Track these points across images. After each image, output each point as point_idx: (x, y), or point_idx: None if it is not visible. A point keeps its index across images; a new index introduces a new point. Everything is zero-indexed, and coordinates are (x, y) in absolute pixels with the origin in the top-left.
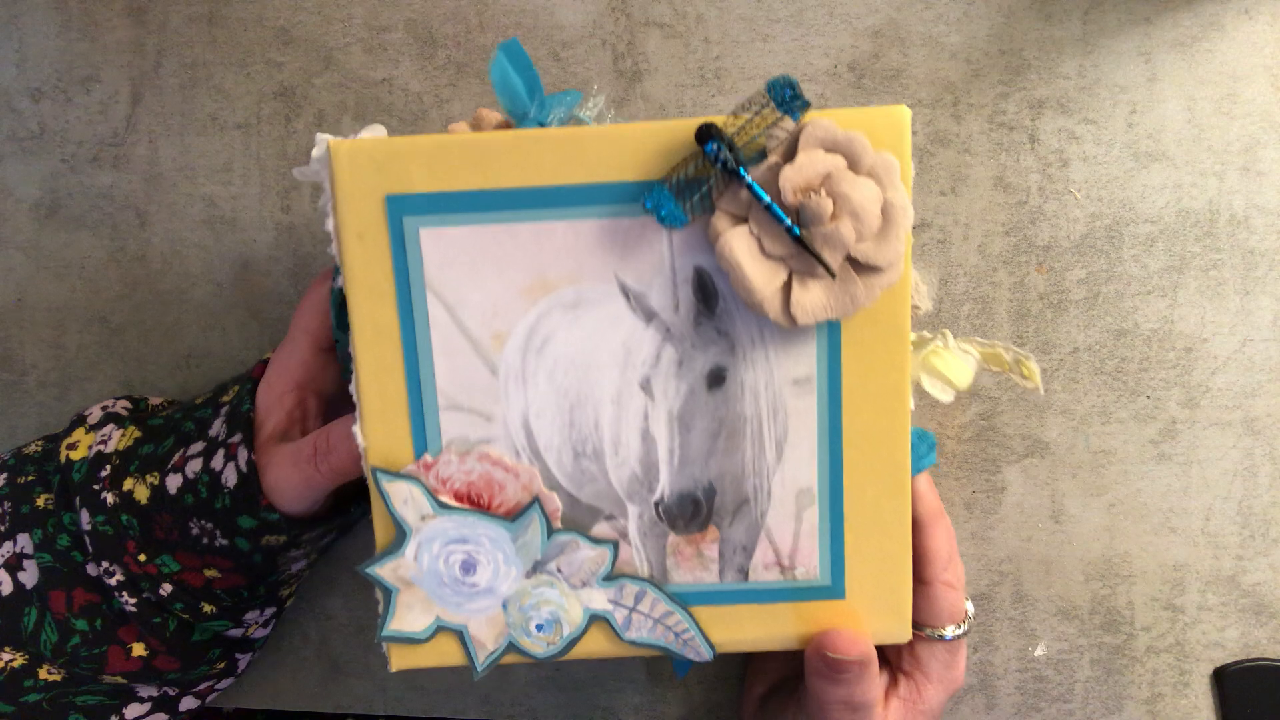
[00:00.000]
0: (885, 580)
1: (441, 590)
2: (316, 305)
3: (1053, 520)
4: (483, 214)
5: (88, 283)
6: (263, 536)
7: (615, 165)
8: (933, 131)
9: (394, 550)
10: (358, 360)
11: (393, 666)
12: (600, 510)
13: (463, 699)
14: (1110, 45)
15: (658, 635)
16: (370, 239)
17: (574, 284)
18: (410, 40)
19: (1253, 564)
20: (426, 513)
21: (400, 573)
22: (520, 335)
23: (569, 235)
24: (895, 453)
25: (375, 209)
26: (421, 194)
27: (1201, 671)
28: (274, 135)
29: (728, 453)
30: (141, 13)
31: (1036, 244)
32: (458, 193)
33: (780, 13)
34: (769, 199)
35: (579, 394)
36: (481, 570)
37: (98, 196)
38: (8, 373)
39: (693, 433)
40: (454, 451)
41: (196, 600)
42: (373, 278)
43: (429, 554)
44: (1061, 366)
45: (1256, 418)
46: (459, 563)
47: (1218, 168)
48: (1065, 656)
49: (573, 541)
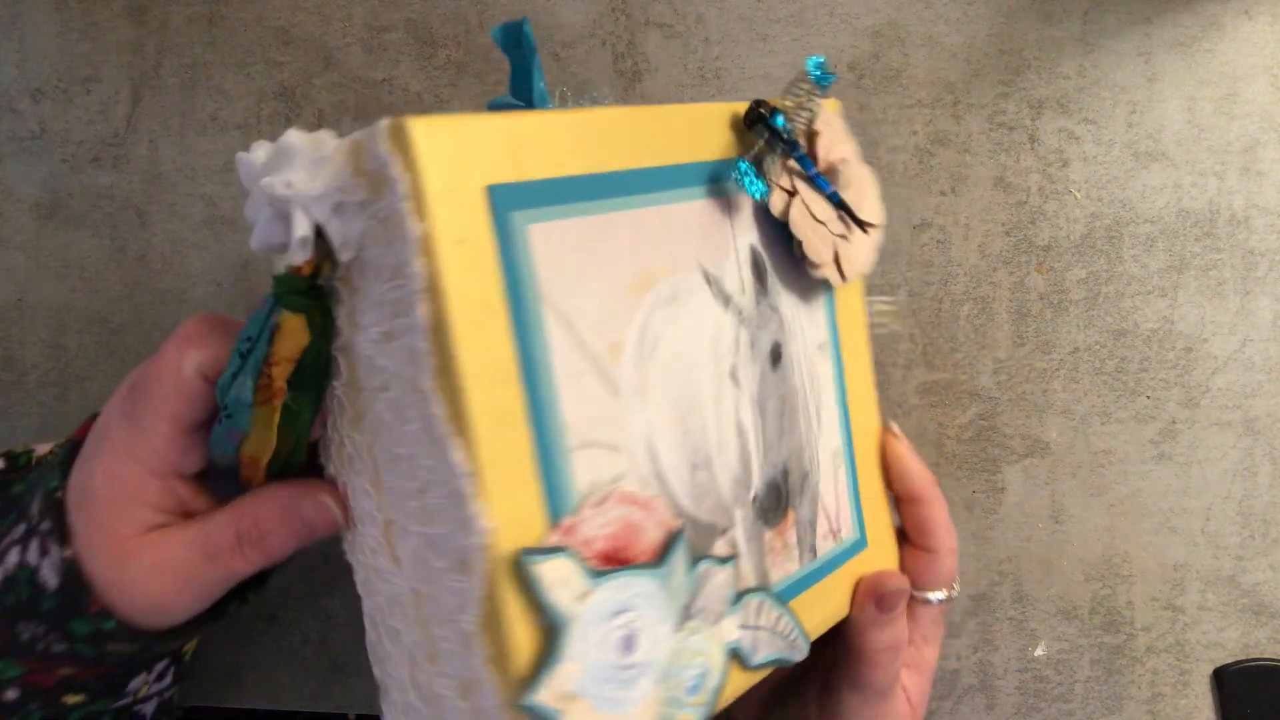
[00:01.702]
0: (881, 519)
1: (604, 689)
2: (175, 383)
3: (1053, 520)
4: (588, 202)
5: (88, 283)
6: (106, 644)
7: (705, 143)
8: (933, 131)
9: (551, 659)
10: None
11: None
12: (716, 526)
13: None
14: (1110, 45)
15: (775, 648)
16: (473, 244)
17: (669, 275)
18: (410, 40)
19: (1253, 564)
20: (583, 590)
21: (562, 688)
22: (633, 342)
23: (659, 222)
24: (870, 398)
25: (476, 204)
26: (527, 182)
27: (1201, 671)
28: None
29: (790, 430)
30: (141, 13)
31: (1036, 244)
32: (564, 178)
33: (780, 13)
34: (815, 170)
35: (687, 399)
36: (642, 642)
37: (98, 196)
38: (8, 373)
39: (768, 415)
40: (592, 503)
41: (55, 697)
42: (481, 296)
43: (591, 645)
44: (1061, 366)
45: (1256, 418)
46: (618, 642)
47: (1218, 168)
48: (1065, 656)
49: (707, 569)
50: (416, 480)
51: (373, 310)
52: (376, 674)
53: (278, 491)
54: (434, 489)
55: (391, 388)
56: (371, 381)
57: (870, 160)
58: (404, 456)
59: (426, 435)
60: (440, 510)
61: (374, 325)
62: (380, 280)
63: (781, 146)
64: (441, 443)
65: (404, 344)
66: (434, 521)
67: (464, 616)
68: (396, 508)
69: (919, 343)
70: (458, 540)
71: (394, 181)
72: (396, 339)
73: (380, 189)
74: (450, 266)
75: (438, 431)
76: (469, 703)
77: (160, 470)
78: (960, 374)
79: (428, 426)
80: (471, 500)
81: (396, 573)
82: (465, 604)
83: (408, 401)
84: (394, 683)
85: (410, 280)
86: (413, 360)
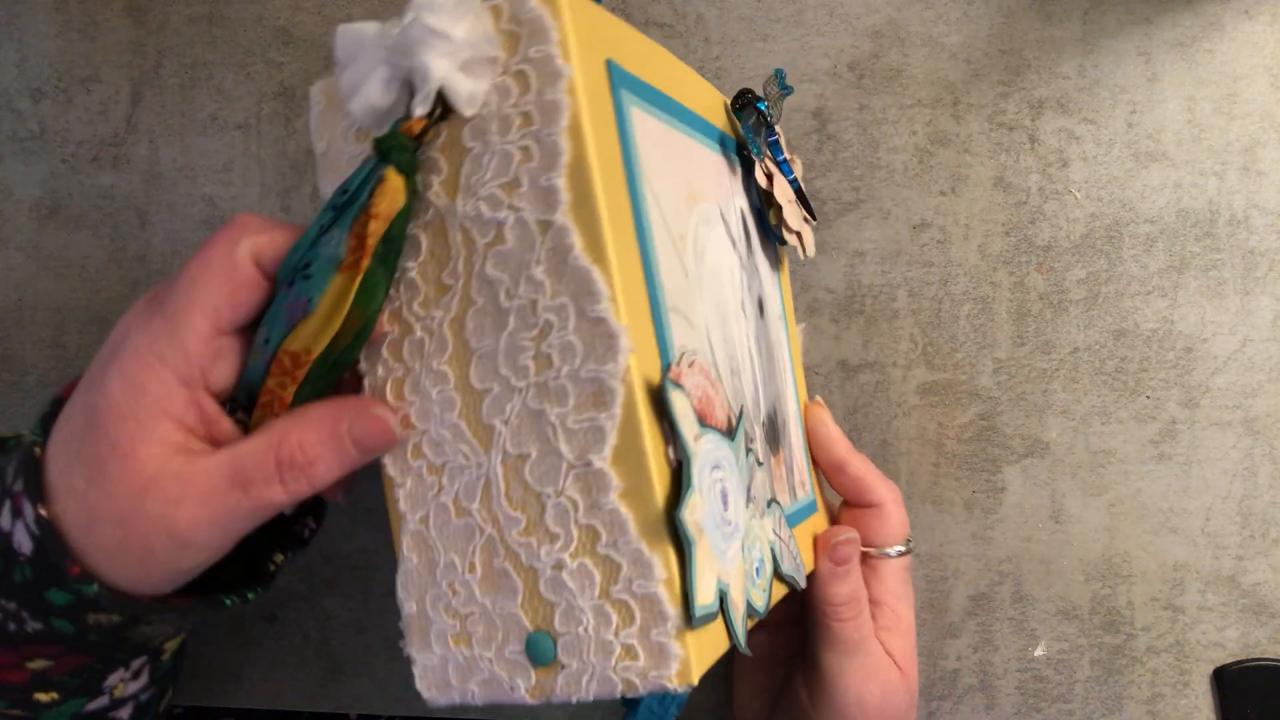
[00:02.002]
0: (817, 490)
1: (715, 535)
2: (225, 271)
3: (1053, 520)
4: (661, 112)
5: (88, 283)
6: (87, 615)
7: (715, 114)
8: (933, 131)
9: (686, 487)
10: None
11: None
12: (748, 433)
13: None
14: (1110, 45)
15: (790, 565)
16: (602, 100)
17: (705, 201)
18: None
19: (1253, 564)
20: (696, 432)
21: (693, 517)
22: (691, 241)
23: (698, 155)
24: (801, 381)
25: (601, 70)
26: (627, 71)
27: (1201, 671)
28: (274, 135)
29: (773, 376)
30: (141, 13)
31: (1036, 244)
32: (648, 84)
33: (780, 13)
34: (784, 155)
35: (723, 309)
36: (731, 502)
37: (98, 196)
38: (8, 373)
39: (761, 355)
40: (685, 363)
41: (25, 694)
42: (607, 153)
43: (705, 487)
44: (1061, 366)
45: (1256, 418)
46: (719, 494)
47: (1218, 168)
48: (1065, 656)
49: (752, 462)
50: (534, 327)
51: (493, 163)
52: (409, 610)
53: (321, 410)
54: (560, 328)
55: (508, 238)
56: (478, 239)
57: (870, 160)
58: (515, 308)
59: (556, 271)
60: (569, 347)
61: (493, 179)
62: (506, 131)
63: (764, 130)
64: (579, 271)
65: (536, 186)
66: (558, 363)
67: (594, 455)
68: (492, 373)
69: (919, 343)
70: (592, 370)
71: (547, 29)
72: (524, 184)
73: (516, 45)
74: (589, 111)
75: (576, 263)
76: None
77: (189, 377)
78: (960, 374)
79: (559, 261)
80: (613, 322)
81: (478, 454)
82: (596, 441)
83: (533, 243)
84: (439, 602)
85: (554, 120)
86: (546, 198)
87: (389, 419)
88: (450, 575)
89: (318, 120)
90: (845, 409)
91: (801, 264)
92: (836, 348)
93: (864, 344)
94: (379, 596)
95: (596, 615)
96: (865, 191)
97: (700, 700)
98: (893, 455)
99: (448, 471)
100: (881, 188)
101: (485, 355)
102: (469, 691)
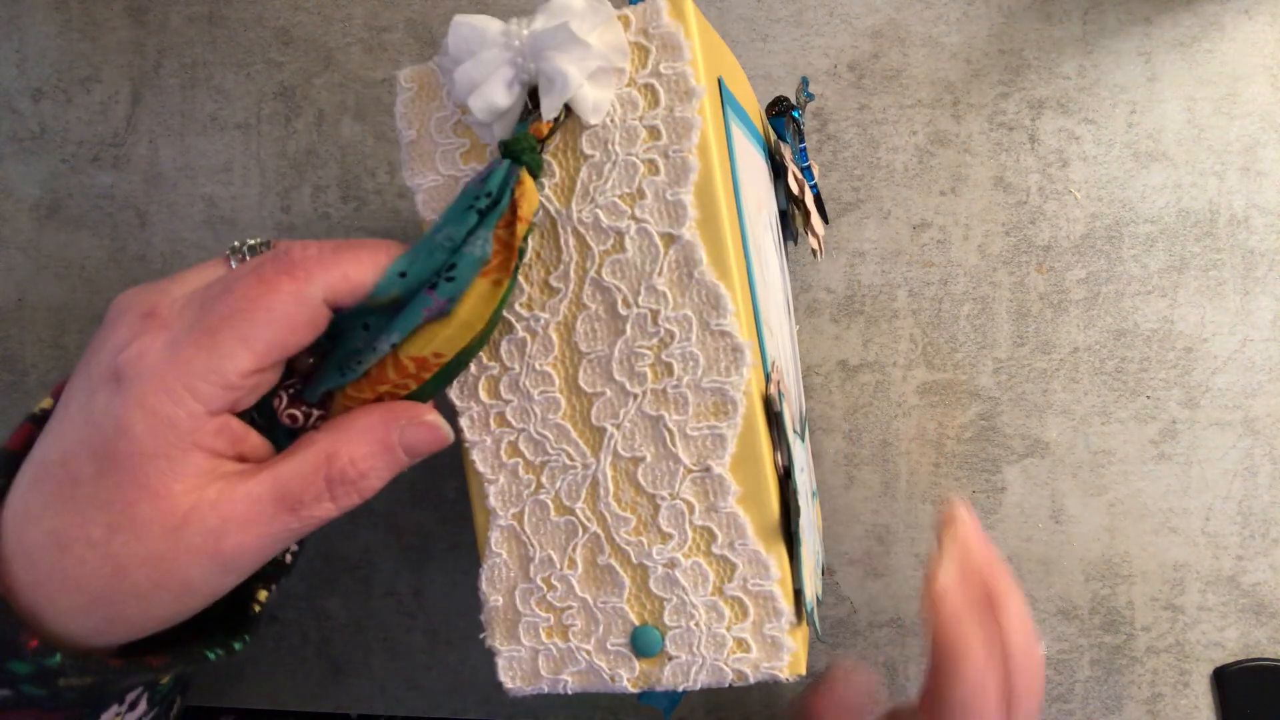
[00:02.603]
0: None
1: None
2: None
3: (1053, 520)
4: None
5: (88, 283)
6: (57, 680)
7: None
8: (933, 131)
9: (795, 488)
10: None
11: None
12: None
13: (463, 698)
14: (1110, 45)
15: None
16: (718, 123)
17: (765, 209)
18: (410, 40)
19: (1253, 564)
20: (793, 439)
21: (800, 518)
22: (762, 251)
23: (760, 165)
24: None
25: (715, 89)
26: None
27: (1201, 671)
28: (274, 135)
29: (797, 384)
30: (141, 13)
31: (1036, 244)
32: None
33: (780, 13)
34: (808, 161)
35: (780, 315)
36: (804, 504)
37: (98, 196)
38: (8, 373)
39: (795, 354)
40: (776, 369)
41: None
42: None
43: (803, 489)
44: (1061, 366)
45: (1256, 418)
46: (807, 495)
47: (1218, 168)
48: (1065, 656)
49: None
50: (654, 336)
51: (615, 172)
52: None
53: (369, 420)
54: (682, 339)
55: (627, 247)
56: (594, 246)
57: (870, 160)
58: (634, 316)
59: (680, 283)
60: (691, 357)
61: (613, 188)
62: (631, 143)
63: (798, 136)
64: (705, 286)
65: (662, 200)
66: (679, 372)
67: (713, 461)
68: (604, 378)
69: (919, 343)
70: (715, 381)
71: (680, 47)
72: (648, 196)
73: (645, 59)
74: (715, 130)
75: (702, 278)
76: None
77: (219, 407)
78: (960, 374)
79: (684, 274)
80: (738, 337)
81: (584, 456)
82: (716, 448)
83: (655, 255)
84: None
85: (684, 137)
86: (673, 213)
87: (441, 424)
88: (546, 570)
89: (406, 107)
90: (845, 409)
91: (801, 264)
92: (836, 348)
93: (864, 344)
94: (379, 596)
95: (709, 611)
96: (865, 191)
97: (701, 700)
98: (893, 455)
99: (548, 470)
100: (881, 188)
101: (597, 360)
102: (561, 682)
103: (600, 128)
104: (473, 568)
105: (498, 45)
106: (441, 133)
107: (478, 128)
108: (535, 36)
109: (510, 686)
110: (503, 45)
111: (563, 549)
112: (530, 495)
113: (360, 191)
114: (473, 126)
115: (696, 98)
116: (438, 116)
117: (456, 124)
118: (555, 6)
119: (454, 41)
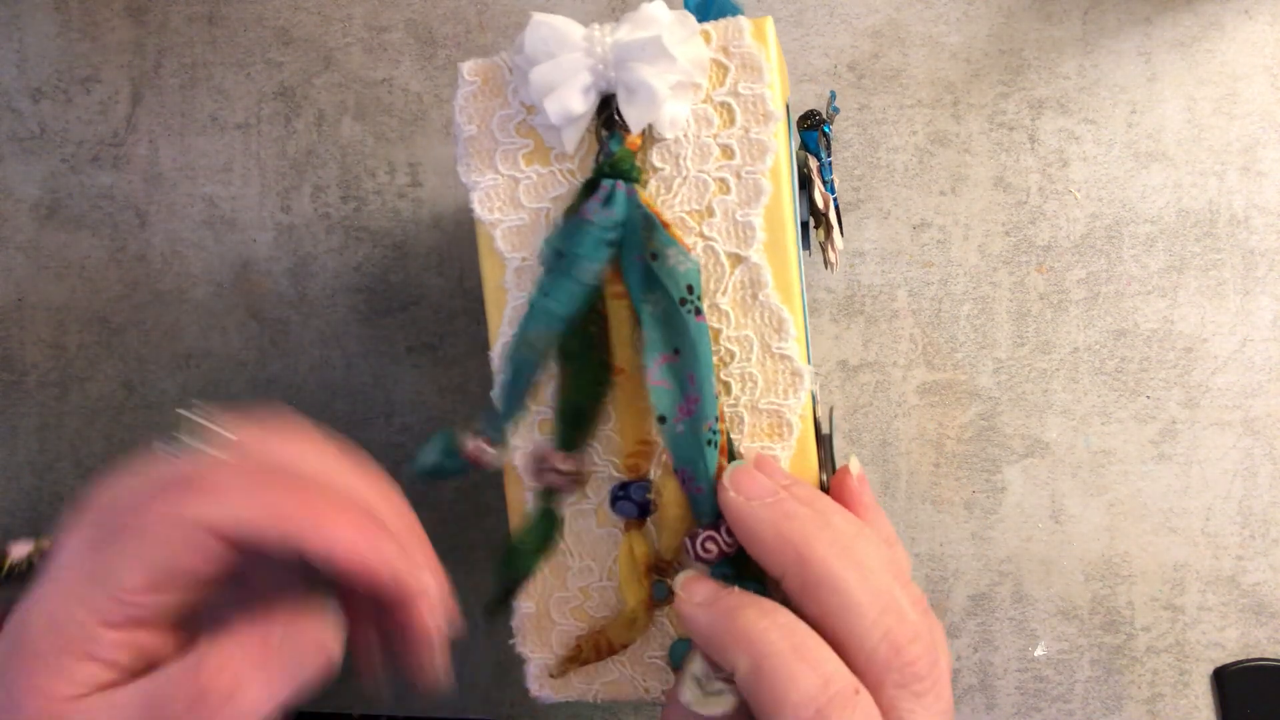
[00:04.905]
0: None
1: None
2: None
3: (1053, 520)
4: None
5: (88, 283)
6: None
7: None
8: (933, 131)
9: None
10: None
11: None
12: None
13: (463, 698)
14: (1110, 45)
15: None
16: (786, 146)
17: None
18: (410, 40)
19: (1253, 564)
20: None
21: None
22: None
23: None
24: None
25: (784, 112)
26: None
27: (1201, 671)
28: (274, 135)
29: None
30: (141, 13)
31: (1036, 244)
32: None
33: (780, 13)
34: (831, 175)
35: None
36: None
37: (98, 196)
38: (8, 373)
39: None
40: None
41: None
42: (789, 186)
43: None
44: (1061, 366)
45: (1256, 418)
46: None
47: (1218, 168)
48: (1065, 656)
49: None
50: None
51: (684, 188)
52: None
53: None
54: (742, 359)
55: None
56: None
57: (870, 160)
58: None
59: (743, 304)
60: (749, 377)
61: (681, 203)
62: (704, 160)
63: (827, 150)
64: (770, 310)
65: (732, 220)
66: (736, 391)
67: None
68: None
69: (919, 343)
70: (773, 403)
71: (760, 69)
72: (717, 215)
73: (723, 76)
74: (784, 152)
75: (768, 301)
76: None
77: (120, 621)
78: (960, 374)
79: (748, 296)
80: (798, 361)
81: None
82: None
83: (721, 274)
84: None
85: (759, 160)
86: (743, 234)
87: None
88: (584, 581)
89: (466, 100)
90: (845, 409)
91: (801, 263)
92: (836, 348)
93: (864, 344)
94: None
95: None
96: (865, 191)
97: None
98: (893, 455)
99: (593, 481)
100: (881, 188)
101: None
102: (591, 691)
103: (673, 142)
104: (473, 568)
105: (579, 50)
106: (504, 131)
107: (544, 130)
108: (621, 46)
109: (538, 693)
110: (584, 51)
111: (603, 560)
112: (571, 505)
113: (360, 191)
114: (538, 129)
115: (774, 121)
116: (501, 114)
117: (520, 124)
118: (643, 17)
119: (531, 41)
